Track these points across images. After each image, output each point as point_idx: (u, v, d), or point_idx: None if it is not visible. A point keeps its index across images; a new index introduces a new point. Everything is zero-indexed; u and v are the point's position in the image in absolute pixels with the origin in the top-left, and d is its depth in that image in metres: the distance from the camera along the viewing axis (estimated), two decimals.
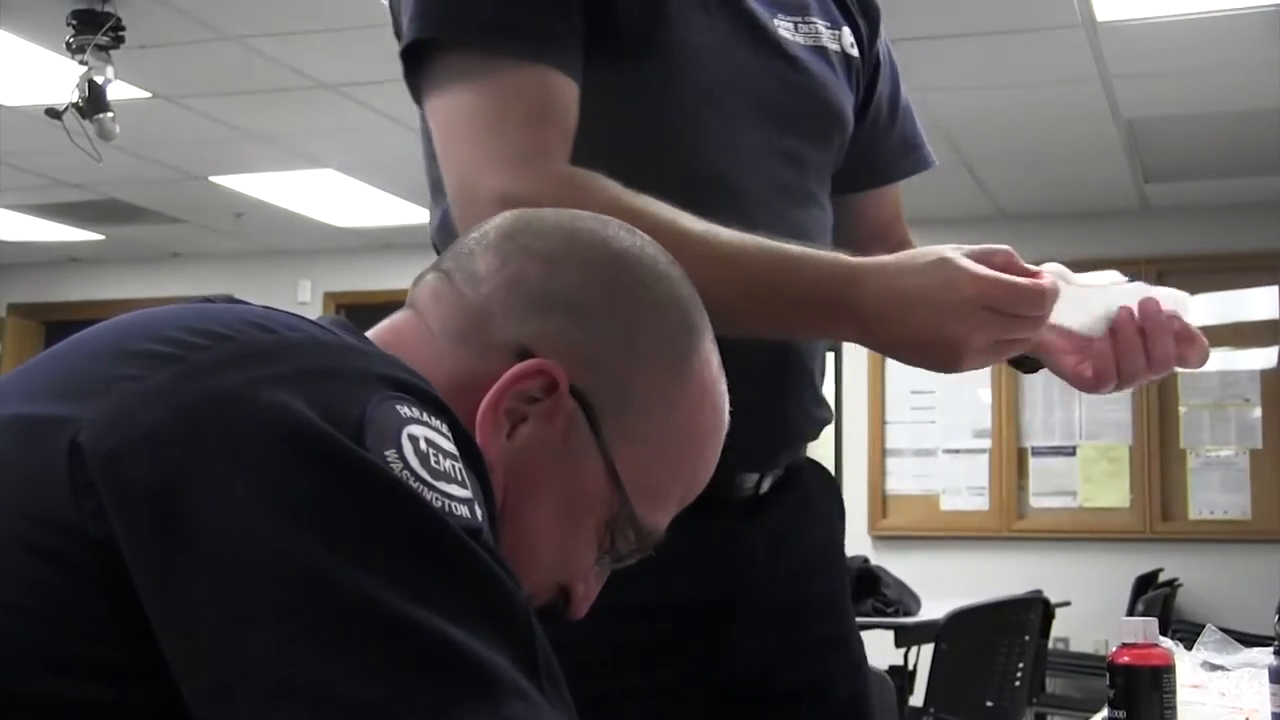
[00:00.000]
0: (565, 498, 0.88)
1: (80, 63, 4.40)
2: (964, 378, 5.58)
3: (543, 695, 0.70)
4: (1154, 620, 1.44)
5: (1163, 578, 6.41)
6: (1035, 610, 4.51)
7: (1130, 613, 5.34)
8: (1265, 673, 1.58)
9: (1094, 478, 6.93)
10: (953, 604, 4.24)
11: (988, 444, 7.08)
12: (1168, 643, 1.49)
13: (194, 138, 5.78)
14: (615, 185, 1.17)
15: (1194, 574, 6.60)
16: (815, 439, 1.43)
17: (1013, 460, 7.03)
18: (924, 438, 7.18)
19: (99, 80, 4.45)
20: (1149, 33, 4.60)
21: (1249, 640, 2.01)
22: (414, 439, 0.73)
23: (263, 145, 5.92)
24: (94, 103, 4.48)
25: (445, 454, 0.74)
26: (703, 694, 1.31)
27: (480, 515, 0.74)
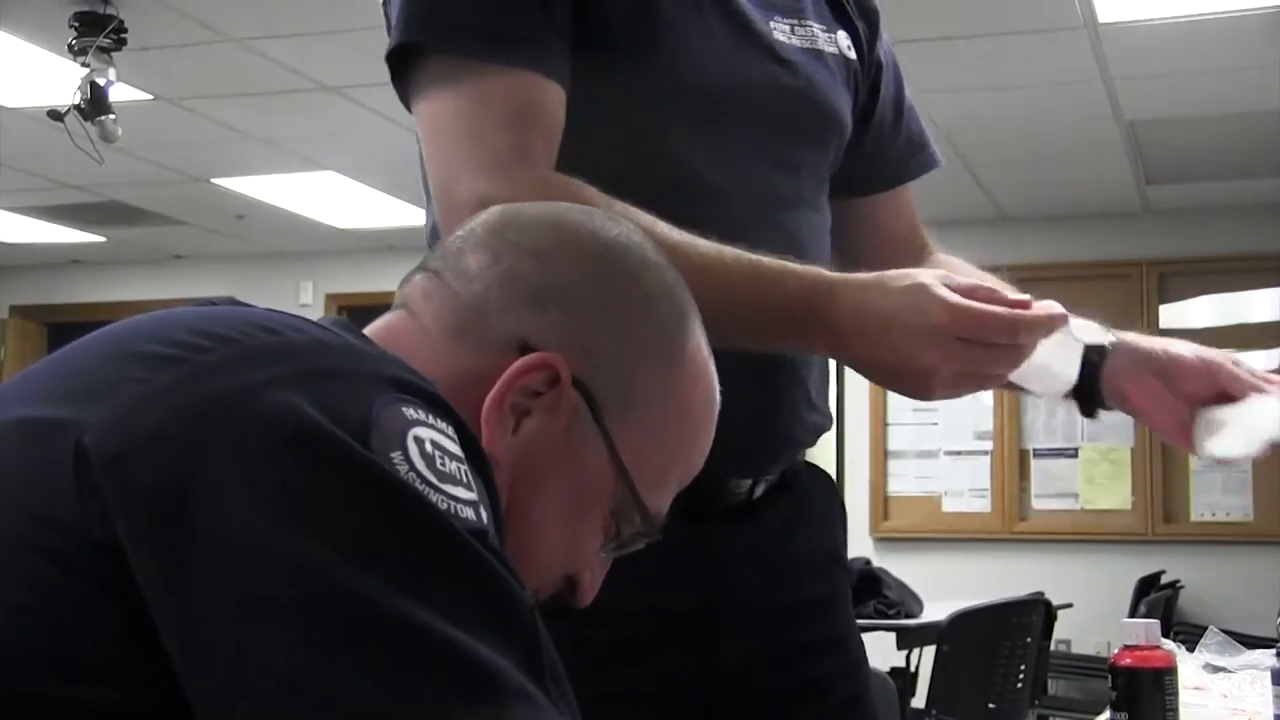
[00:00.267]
0: (571, 489, 0.89)
1: (82, 65, 4.40)
2: None
3: (548, 698, 0.70)
4: (1156, 622, 1.45)
5: (1165, 580, 6.40)
6: (1037, 612, 4.50)
7: (1132, 615, 5.34)
8: (1268, 675, 1.59)
9: (1096, 479, 6.93)
10: (954, 606, 4.23)
11: (989, 446, 7.08)
12: (1170, 645, 1.49)
13: (196, 140, 5.78)
14: (592, 190, 1.15)
15: (1196, 576, 6.59)
16: (811, 445, 1.41)
17: (1014, 462, 7.02)
18: (926, 439, 7.18)
19: (101, 82, 4.45)
20: (1151, 34, 4.60)
21: (1251, 642, 2.02)
22: (419, 441, 0.73)
23: (264, 147, 5.92)
24: (96, 105, 4.48)
25: (451, 456, 0.74)
26: (695, 696, 1.31)
27: (486, 517, 0.74)
